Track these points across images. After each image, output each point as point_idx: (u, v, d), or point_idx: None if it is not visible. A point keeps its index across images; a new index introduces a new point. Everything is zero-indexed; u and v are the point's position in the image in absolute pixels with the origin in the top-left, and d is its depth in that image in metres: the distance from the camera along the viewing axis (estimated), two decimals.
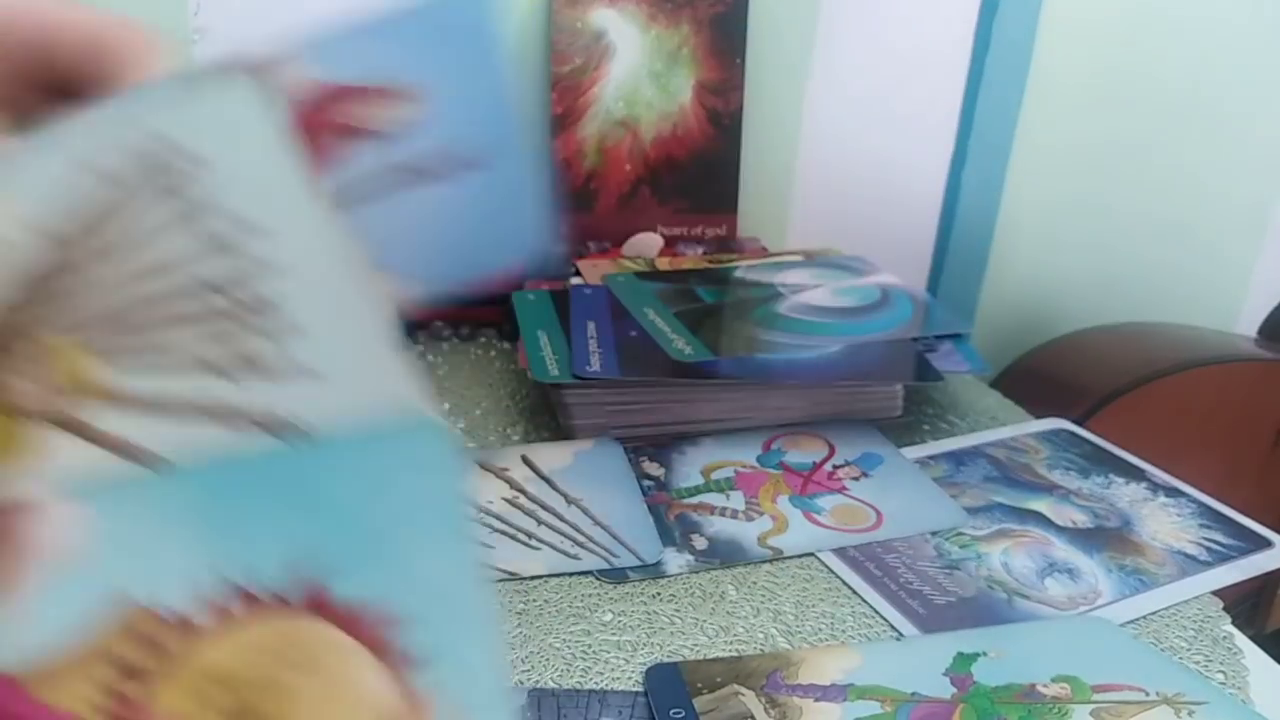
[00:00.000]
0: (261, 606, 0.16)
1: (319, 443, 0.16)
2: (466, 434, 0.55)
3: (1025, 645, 0.39)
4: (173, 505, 0.16)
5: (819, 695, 0.36)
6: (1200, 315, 0.94)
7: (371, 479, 0.16)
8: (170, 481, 0.16)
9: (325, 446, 0.16)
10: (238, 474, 0.16)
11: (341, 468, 0.16)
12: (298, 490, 0.16)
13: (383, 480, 0.16)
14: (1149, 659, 0.38)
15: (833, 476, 0.51)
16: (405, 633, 0.16)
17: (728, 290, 0.64)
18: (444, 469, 0.17)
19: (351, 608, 0.16)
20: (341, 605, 0.16)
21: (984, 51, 0.81)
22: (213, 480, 0.16)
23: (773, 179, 0.84)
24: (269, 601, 0.16)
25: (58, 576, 0.15)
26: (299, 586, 0.16)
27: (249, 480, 0.16)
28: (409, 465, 0.16)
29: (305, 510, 0.16)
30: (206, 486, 0.16)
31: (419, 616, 0.16)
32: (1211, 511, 0.50)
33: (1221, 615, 0.42)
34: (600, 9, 0.73)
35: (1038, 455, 0.55)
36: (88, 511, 0.16)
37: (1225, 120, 0.90)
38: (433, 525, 0.16)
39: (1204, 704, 0.35)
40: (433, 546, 0.16)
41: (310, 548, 0.16)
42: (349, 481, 0.16)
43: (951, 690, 0.36)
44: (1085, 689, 0.36)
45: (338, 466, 0.16)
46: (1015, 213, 0.89)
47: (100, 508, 0.16)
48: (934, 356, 0.57)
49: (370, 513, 0.16)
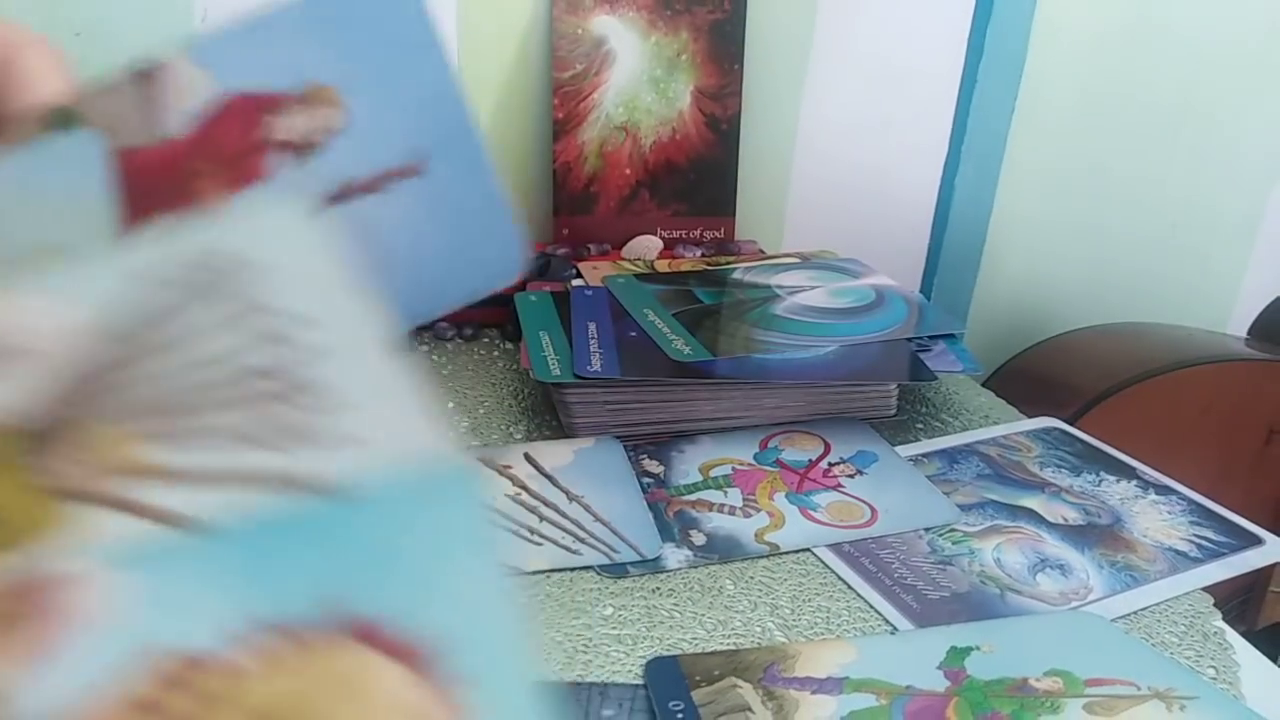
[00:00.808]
0: (300, 642, 0.17)
1: (358, 495, 0.17)
2: (470, 432, 0.55)
3: (1018, 639, 0.39)
4: (211, 559, 0.17)
5: (815, 688, 0.36)
6: (1191, 316, 0.94)
7: (407, 520, 0.18)
8: (210, 539, 0.17)
9: (363, 498, 0.17)
10: (276, 527, 0.17)
11: (379, 513, 0.18)
12: (336, 535, 0.17)
13: (418, 520, 0.18)
14: (1140, 654, 0.39)
15: (828, 474, 0.52)
16: (442, 652, 0.17)
17: (726, 292, 0.65)
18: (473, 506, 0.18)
19: (388, 635, 0.17)
20: (378, 633, 0.17)
21: (977, 59, 0.82)
22: (251, 533, 0.17)
23: (770, 183, 0.85)
24: (308, 637, 0.17)
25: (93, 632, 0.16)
26: (336, 622, 0.17)
27: (287, 532, 0.17)
28: (441, 504, 0.18)
29: (344, 551, 0.17)
30: (245, 539, 0.17)
31: (455, 638, 0.17)
32: (1202, 509, 0.50)
33: (1212, 611, 0.43)
34: (601, 16, 0.74)
35: (1030, 453, 0.55)
36: (131, 578, 0.17)
37: (1216, 125, 0.91)
38: (466, 557, 0.18)
39: (1195, 698, 0.36)
40: (467, 576, 0.17)
41: (348, 586, 0.17)
42: (386, 524, 0.18)
43: (945, 683, 0.37)
44: (1077, 683, 0.36)
45: (375, 513, 0.18)
46: (1008, 215, 0.89)
47: (143, 572, 0.17)
48: (928, 356, 0.58)
49: (406, 549, 0.17)
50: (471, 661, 0.17)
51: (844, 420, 0.57)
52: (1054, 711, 0.35)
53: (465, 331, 0.68)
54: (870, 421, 0.57)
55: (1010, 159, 0.87)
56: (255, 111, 0.23)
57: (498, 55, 0.75)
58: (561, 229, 0.76)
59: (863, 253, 0.73)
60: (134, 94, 0.23)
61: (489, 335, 0.69)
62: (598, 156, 0.76)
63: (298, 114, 0.23)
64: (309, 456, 0.18)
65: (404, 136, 0.24)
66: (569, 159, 0.75)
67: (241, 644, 0.17)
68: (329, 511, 0.18)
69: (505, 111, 0.76)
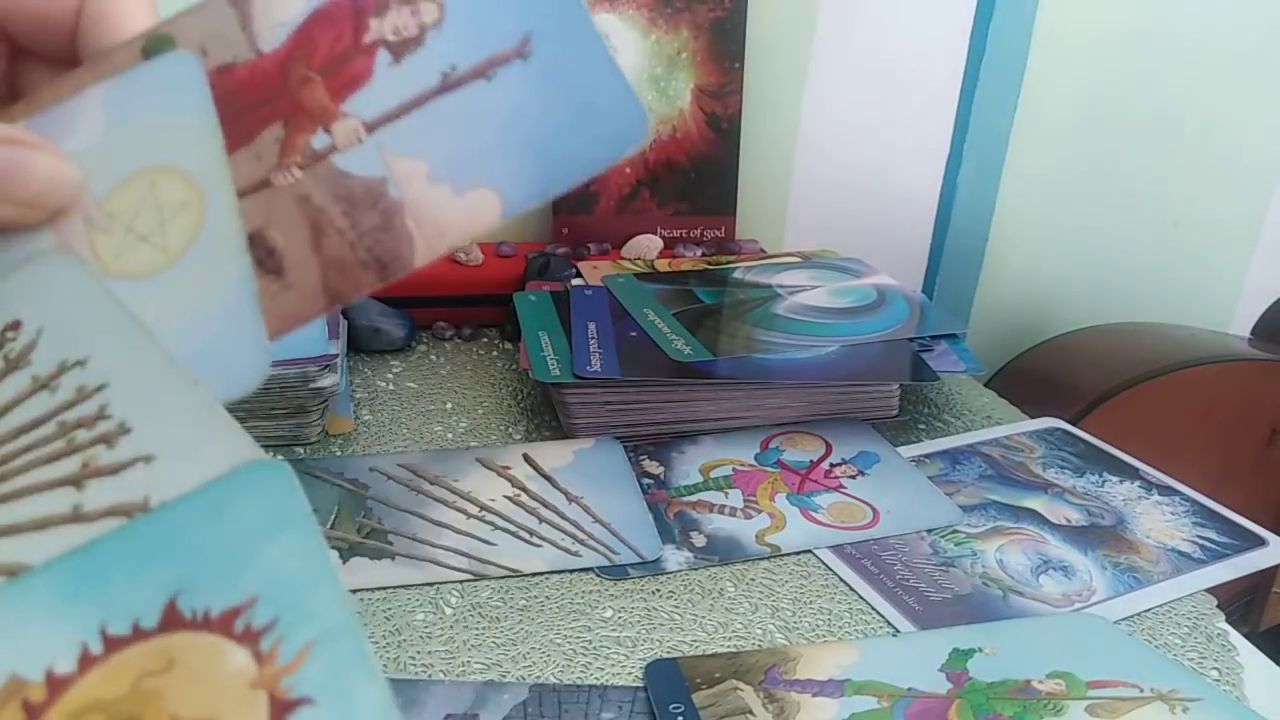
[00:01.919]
0: (124, 641, 0.18)
1: (163, 508, 0.19)
2: (469, 433, 0.55)
3: (1020, 641, 0.39)
4: (39, 594, 0.18)
5: (816, 690, 0.36)
6: (1194, 316, 0.94)
7: (210, 515, 0.19)
8: (33, 577, 0.18)
9: (167, 507, 0.19)
10: (94, 550, 0.19)
11: (184, 516, 0.19)
12: (148, 545, 0.19)
13: (220, 513, 0.19)
14: (1144, 656, 0.39)
15: (830, 475, 0.51)
16: (250, 613, 0.18)
17: (726, 291, 0.64)
18: (273, 489, 0.19)
19: (204, 615, 0.18)
20: (194, 616, 0.18)
21: (979, 57, 0.82)
22: (72, 562, 0.19)
23: (771, 182, 0.84)
24: (130, 635, 0.18)
25: None
26: (155, 615, 0.18)
27: (104, 552, 0.19)
28: (242, 496, 0.19)
29: (155, 557, 0.19)
30: (67, 568, 0.19)
31: (261, 597, 0.18)
32: (1205, 510, 0.50)
33: (1215, 612, 0.43)
34: (600, 13, 0.73)
35: (1032, 454, 0.55)
36: None
37: (1218, 125, 0.91)
38: (267, 529, 0.19)
39: (1199, 700, 0.36)
40: (267, 543, 0.18)
41: (162, 584, 0.18)
42: (192, 524, 0.19)
43: (947, 685, 0.36)
44: (1080, 685, 0.36)
45: (179, 517, 0.19)
46: (1010, 215, 0.89)
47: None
48: (930, 356, 0.57)
49: (212, 540, 0.19)
50: (278, 611, 0.18)
51: (845, 421, 0.57)
52: (1057, 714, 0.35)
53: (464, 331, 0.68)
54: (872, 422, 0.57)
55: (1012, 159, 0.87)
56: (352, 13, 0.24)
57: None
58: (561, 228, 0.76)
59: (864, 252, 0.72)
60: (227, 12, 0.24)
61: (488, 335, 0.69)
62: None
63: (394, 11, 0.24)
64: (107, 486, 0.19)
65: (506, 20, 0.24)
66: None
67: (76, 656, 0.18)
68: (142, 526, 0.19)
69: None
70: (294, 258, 0.23)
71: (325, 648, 0.17)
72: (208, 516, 0.19)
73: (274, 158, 0.24)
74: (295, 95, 0.24)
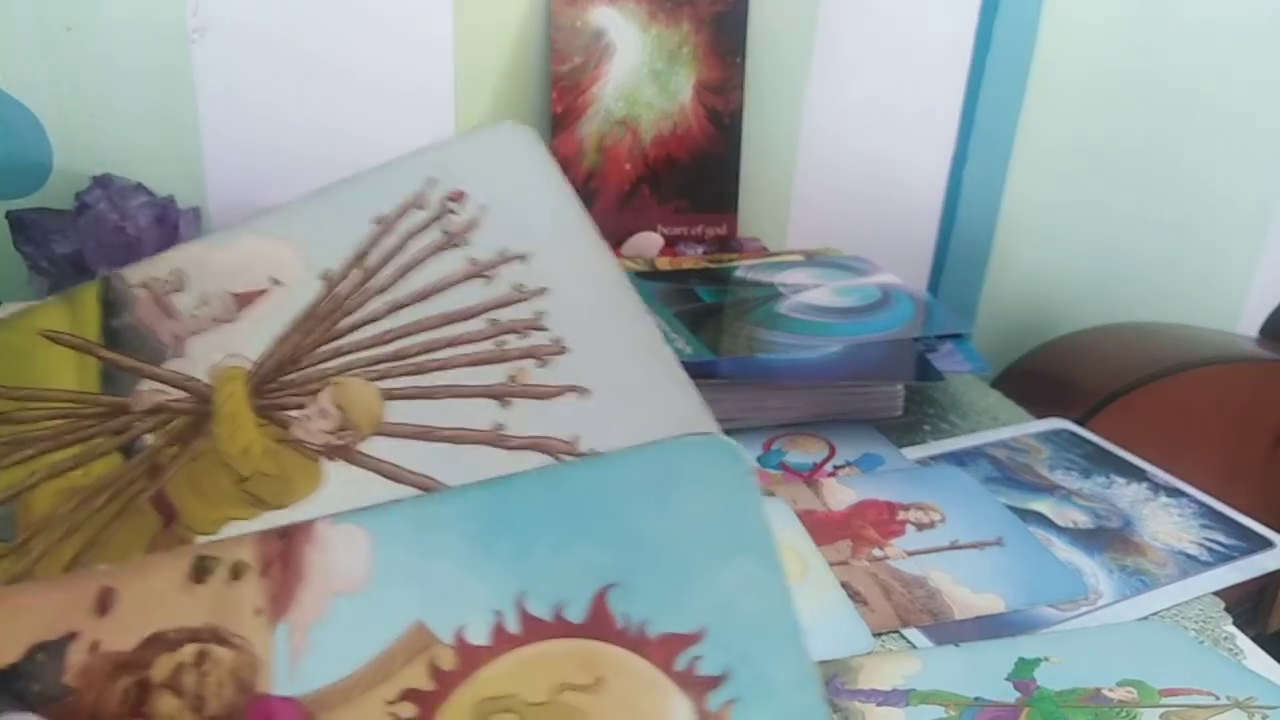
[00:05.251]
0: (544, 628, 0.15)
1: (594, 461, 0.16)
2: None
3: (1087, 651, 0.39)
4: (450, 529, 0.16)
5: (881, 700, 0.36)
6: (1201, 315, 0.94)
7: (654, 496, 0.16)
8: (445, 504, 0.16)
9: (602, 464, 0.16)
10: (514, 495, 0.16)
11: (622, 485, 0.16)
12: (577, 509, 0.16)
13: (667, 498, 0.16)
14: (1217, 664, 0.38)
15: (833, 477, 0.51)
16: (697, 651, 0.15)
17: (728, 290, 0.64)
18: (733, 486, 0.16)
19: (639, 628, 0.15)
20: (628, 626, 0.15)
21: (985, 51, 0.81)
22: (489, 501, 0.16)
23: (773, 178, 0.84)
24: (552, 623, 0.15)
25: (344, 606, 0.15)
26: (583, 607, 0.16)
27: (526, 500, 0.16)
28: (693, 482, 0.16)
29: (586, 529, 0.16)
30: (484, 508, 0.16)
31: (711, 633, 0.15)
32: (1213, 512, 0.50)
33: (1223, 615, 0.42)
34: (600, 8, 0.73)
35: (1039, 455, 0.55)
36: (367, 536, 0.16)
37: (1226, 120, 0.90)
38: (722, 542, 0.16)
39: (1277, 708, 0.35)
40: (723, 563, 0.16)
41: (592, 567, 0.16)
42: (632, 499, 0.16)
43: (1015, 695, 0.36)
44: (1153, 693, 0.36)
45: (617, 484, 0.16)
46: (1016, 212, 0.89)
47: (379, 532, 0.16)
48: (935, 356, 0.57)
49: (655, 530, 0.16)
50: (730, 660, 0.15)
51: (849, 422, 0.56)
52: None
53: None
54: (876, 423, 0.56)
55: (1019, 155, 0.86)
56: (886, 506, 0.34)
57: (495, 48, 0.74)
58: None
59: (868, 250, 0.72)
60: None
61: None
62: (597, 151, 0.75)
63: (915, 510, 0.38)
64: (534, 410, 0.17)
65: (987, 524, 0.37)
66: (568, 154, 0.74)
67: (490, 626, 0.15)
68: (570, 480, 0.16)
69: (502, 105, 0.75)
70: None
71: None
72: (650, 496, 0.16)
73: None
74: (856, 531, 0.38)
